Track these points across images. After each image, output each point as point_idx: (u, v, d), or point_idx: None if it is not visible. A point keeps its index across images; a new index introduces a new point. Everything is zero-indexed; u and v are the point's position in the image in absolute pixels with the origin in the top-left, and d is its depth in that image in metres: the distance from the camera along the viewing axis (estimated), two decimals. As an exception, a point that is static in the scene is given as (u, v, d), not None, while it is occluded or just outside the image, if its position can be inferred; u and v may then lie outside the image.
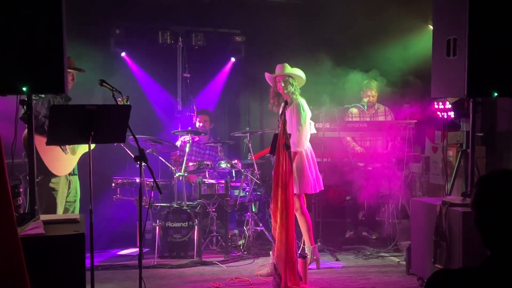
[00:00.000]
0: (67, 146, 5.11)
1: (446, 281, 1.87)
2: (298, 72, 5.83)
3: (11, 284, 2.51)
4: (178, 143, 7.12)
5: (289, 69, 5.81)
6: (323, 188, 5.95)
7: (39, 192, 5.00)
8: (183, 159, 6.55)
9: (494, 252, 1.90)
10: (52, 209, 5.04)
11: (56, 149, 5.02)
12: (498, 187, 1.90)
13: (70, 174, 5.24)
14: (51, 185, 5.05)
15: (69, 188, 5.25)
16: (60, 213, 5.09)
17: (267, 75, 5.93)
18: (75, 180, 5.33)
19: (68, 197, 5.23)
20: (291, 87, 5.72)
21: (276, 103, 5.88)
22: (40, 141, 4.68)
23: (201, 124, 7.30)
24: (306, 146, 5.71)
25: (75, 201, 5.31)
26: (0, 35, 3.51)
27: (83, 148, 5.23)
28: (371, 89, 7.06)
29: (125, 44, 7.83)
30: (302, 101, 5.72)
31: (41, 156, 4.85)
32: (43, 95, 4.98)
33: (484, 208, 1.92)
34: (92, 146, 5.13)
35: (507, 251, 1.86)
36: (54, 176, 5.05)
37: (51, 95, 5.07)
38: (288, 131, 5.21)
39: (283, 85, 5.74)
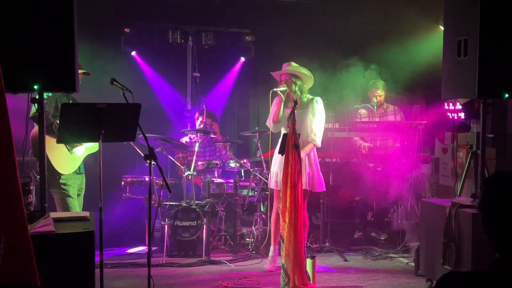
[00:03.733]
0: (70, 147, 5.15)
1: (455, 284, 1.86)
2: (303, 70, 5.69)
3: (22, 281, 2.52)
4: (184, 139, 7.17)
5: (294, 67, 5.69)
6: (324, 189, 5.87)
7: (52, 190, 5.09)
8: (189, 159, 6.55)
9: (503, 255, 1.88)
10: (66, 203, 5.12)
11: (62, 148, 5.07)
12: (504, 189, 1.88)
13: (77, 173, 5.29)
14: (61, 181, 5.11)
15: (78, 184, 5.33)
16: (75, 204, 5.16)
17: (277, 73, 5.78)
18: (82, 178, 5.38)
19: None
20: (294, 86, 5.62)
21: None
22: (47, 140, 4.72)
23: (201, 126, 7.27)
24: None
25: (79, 195, 5.36)
26: (12, 33, 3.54)
27: (88, 150, 5.27)
28: (377, 89, 7.04)
29: (135, 43, 7.86)
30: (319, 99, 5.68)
31: (48, 155, 4.90)
32: (50, 94, 5.02)
33: (491, 210, 1.90)
34: (95, 149, 5.21)
35: None
36: (56, 173, 5.10)
37: (58, 95, 5.11)
38: (302, 128, 5.23)
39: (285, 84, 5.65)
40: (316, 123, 5.55)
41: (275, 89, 5.56)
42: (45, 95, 4.92)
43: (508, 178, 1.90)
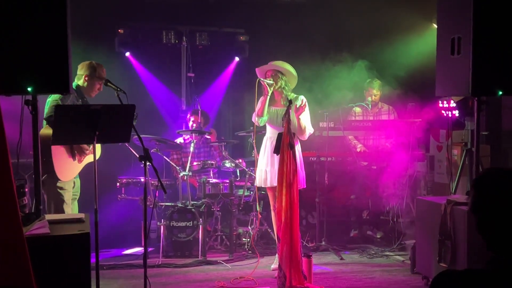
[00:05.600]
0: (77, 155, 5.11)
1: (451, 282, 1.86)
2: (288, 67, 5.66)
3: (17, 284, 2.52)
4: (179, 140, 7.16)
5: (280, 63, 5.66)
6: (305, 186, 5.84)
7: (46, 192, 5.06)
8: (184, 160, 6.55)
9: (498, 254, 1.88)
10: (60, 207, 5.09)
11: (68, 155, 5.04)
12: (494, 189, 1.87)
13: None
14: (58, 184, 5.09)
15: (72, 188, 5.30)
16: (68, 211, 5.14)
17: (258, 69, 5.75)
18: (77, 181, 5.37)
19: None
20: (281, 82, 5.60)
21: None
22: (56, 147, 4.72)
23: (195, 125, 7.26)
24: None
25: (74, 199, 5.35)
26: (5, 35, 3.53)
27: (89, 158, 5.25)
28: (373, 88, 7.07)
29: (129, 44, 7.85)
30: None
31: (53, 159, 4.88)
32: (60, 96, 4.98)
33: (483, 211, 1.89)
34: (98, 154, 5.18)
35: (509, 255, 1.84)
36: (56, 180, 5.07)
37: (75, 98, 5.09)
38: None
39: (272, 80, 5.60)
40: (303, 118, 5.56)
41: (261, 79, 5.55)
42: (57, 96, 4.91)
43: (496, 177, 1.89)
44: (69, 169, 5.10)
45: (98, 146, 4.31)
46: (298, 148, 5.63)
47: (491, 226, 1.88)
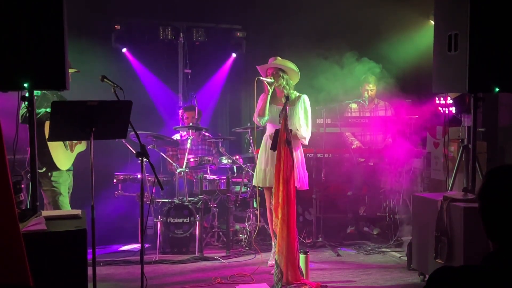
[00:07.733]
0: (68, 144, 5.17)
1: (448, 278, 1.86)
2: (290, 65, 5.61)
3: (13, 280, 2.51)
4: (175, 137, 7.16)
5: (281, 61, 5.61)
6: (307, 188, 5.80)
7: (42, 187, 5.07)
8: (179, 156, 6.54)
9: (497, 247, 1.88)
10: (56, 200, 5.12)
11: (61, 145, 5.11)
12: (507, 180, 1.89)
13: (66, 170, 5.30)
14: (53, 178, 5.11)
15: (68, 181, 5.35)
16: (65, 201, 5.16)
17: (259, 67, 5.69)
18: (71, 175, 5.40)
19: None
20: (282, 81, 5.55)
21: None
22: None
23: (191, 123, 7.24)
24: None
25: (68, 193, 5.38)
26: (2, 31, 3.52)
27: (79, 147, 5.30)
28: (369, 83, 7.08)
29: (126, 40, 7.83)
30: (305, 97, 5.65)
31: (50, 149, 4.94)
32: (39, 93, 5.01)
33: (490, 199, 1.90)
34: (83, 147, 5.25)
35: (510, 245, 1.85)
36: (56, 170, 5.11)
37: (50, 93, 5.10)
38: (290, 125, 5.19)
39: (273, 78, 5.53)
40: (305, 120, 5.54)
41: (261, 78, 5.48)
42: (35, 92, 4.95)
43: (510, 169, 1.91)
44: (64, 158, 5.19)
45: None
46: (300, 150, 5.60)
47: (496, 213, 1.89)
